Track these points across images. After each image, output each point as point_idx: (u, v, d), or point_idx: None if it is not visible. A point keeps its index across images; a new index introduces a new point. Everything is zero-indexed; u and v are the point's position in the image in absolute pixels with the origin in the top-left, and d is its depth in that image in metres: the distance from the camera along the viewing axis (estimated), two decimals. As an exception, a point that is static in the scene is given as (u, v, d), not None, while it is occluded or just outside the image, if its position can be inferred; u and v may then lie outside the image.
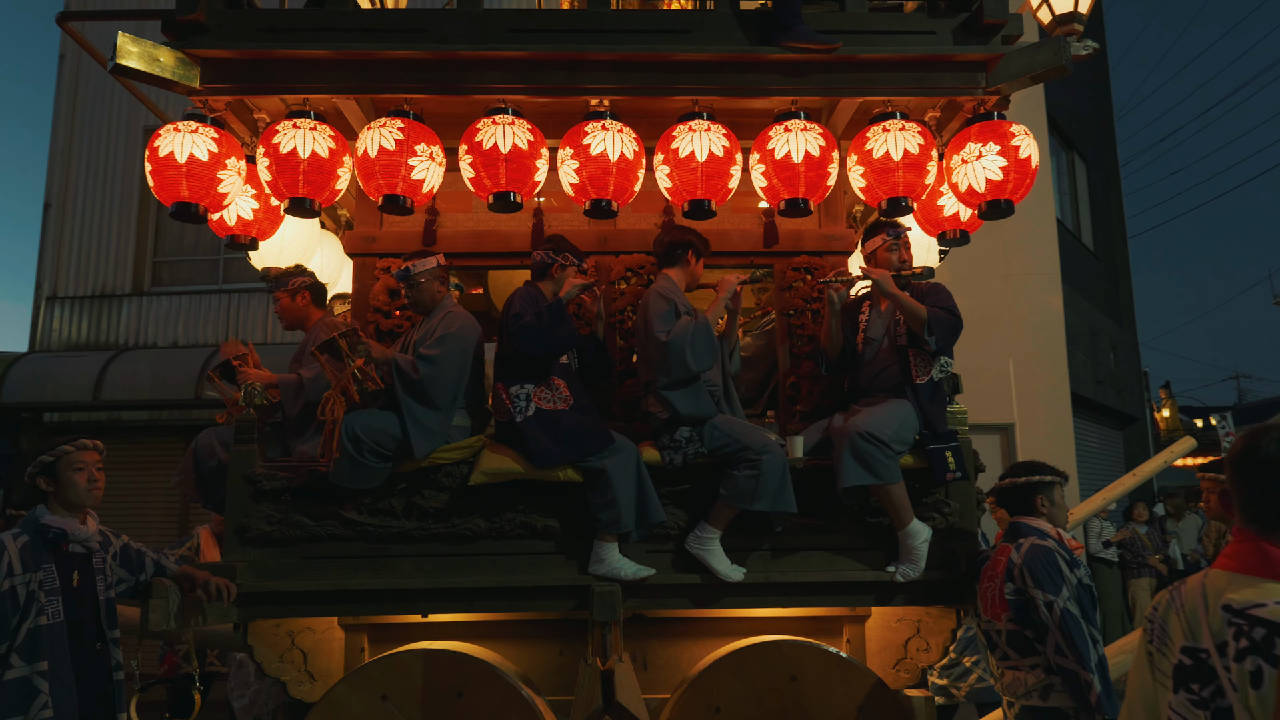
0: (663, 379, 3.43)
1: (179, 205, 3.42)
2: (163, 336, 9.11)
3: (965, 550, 3.43)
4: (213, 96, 3.54)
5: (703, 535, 3.37)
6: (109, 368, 8.40)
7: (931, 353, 3.48)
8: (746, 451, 3.31)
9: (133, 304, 9.19)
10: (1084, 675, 2.78)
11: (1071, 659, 2.81)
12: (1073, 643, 2.81)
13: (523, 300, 3.46)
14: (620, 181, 3.44)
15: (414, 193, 3.46)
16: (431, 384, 3.34)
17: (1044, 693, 2.91)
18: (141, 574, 3.14)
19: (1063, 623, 2.84)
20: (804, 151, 3.39)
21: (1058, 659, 2.84)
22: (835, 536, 3.47)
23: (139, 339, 9.12)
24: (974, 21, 3.54)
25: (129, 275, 9.25)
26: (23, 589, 2.73)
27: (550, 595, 3.40)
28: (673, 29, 3.57)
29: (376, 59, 3.51)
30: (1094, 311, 13.13)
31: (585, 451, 3.31)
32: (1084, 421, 12.06)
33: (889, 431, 3.30)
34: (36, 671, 2.72)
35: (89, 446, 2.99)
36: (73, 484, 2.91)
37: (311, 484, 3.41)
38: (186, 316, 9.14)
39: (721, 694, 3.25)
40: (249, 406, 3.48)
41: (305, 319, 4.04)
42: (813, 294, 3.90)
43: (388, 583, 3.38)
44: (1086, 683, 2.77)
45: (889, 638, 3.65)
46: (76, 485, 2.91)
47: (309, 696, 3.52)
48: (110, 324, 9.20)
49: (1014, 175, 3.43)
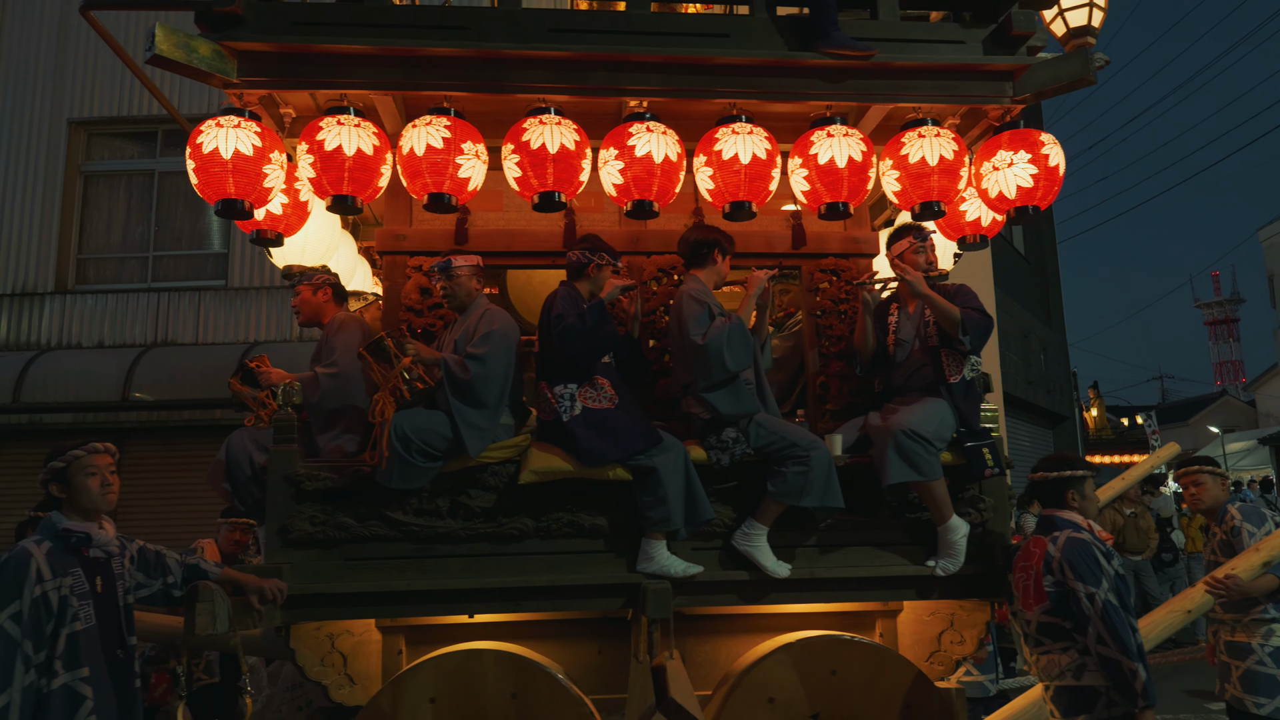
0: (702, 381, 3.47)
1: (224, 202, 3.35)
2: (88, 336, 8.81)
3: (1000, 544, 3.54)
4: (248, 90, 3.48)
5: (750, 532, 3.42)
6: (30, 369, 8.13)
7: (963, 352, 3.59)
8: (794, 449, 3.37)
9: (55, 302, 8.87)
10: (1128, 664, 2.90)
11: (1115, 648, 2.93)
12: (1115, 632, 2.93)
13: (564, 301, 3.47)
14: (664, 183, 3.48)
15: (460, 191, 3.44)
16: (481, 383, 3.33)
17: (1077, 672, 3.03)
18: (166, 576, 3.05)
19: (1104, 614, 2.96)
20: (847, 156, 3.47)
21: (1100, 648, 2.95)
22: (876, 532, 3.55)
23: (62, 339, 8.80)
24: (1002, 32, 3.67)
25: (51, 273, 8.94)
26: (54, 595, 2.64)
27: (599, 594, 3.41)
28: (712, 33, 3.62)
29: (417, 56, 3.48)
30: (1025, 314, 13.62)
31: (635, 450, 3.34)
32: (1016, 421, 12.52)
33: (931, 429, 3.40)
34: (79, 678, 2.65)
35: (100, 450, 2.88)
36: (85, 489, 2.81)
37: (355, 485, 3.37)
38: (113, 315, 8.86)
39: (774, 686, 3.30)
40: (287, 406, 3.43)
41: (322, 315, 3.98)
42: (840, 295, 3.98)
43: (435, 583, 3.35)
44: (1131, 671, 2.89)
45: (921, 631, 3.74)
46: (89, 490, 2.82)
47: (349, 700, 3.47)
48: (31, 323, 8.87)
49: (1044, 183, 3.56)
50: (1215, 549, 4.00)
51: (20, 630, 2.56)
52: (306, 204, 3.84)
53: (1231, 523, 3.90)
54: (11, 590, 2.59)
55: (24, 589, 2.59)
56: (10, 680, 2.52)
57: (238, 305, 8.88)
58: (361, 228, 4.96)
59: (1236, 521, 3.88)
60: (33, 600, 2.59)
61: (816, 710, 3.30)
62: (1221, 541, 3.95)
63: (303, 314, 3.96)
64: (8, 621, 2.56)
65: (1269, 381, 28.37)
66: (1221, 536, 3.95)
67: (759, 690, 3.30)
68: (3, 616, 2.56)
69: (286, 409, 3.43)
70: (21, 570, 2.62)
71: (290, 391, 3.42)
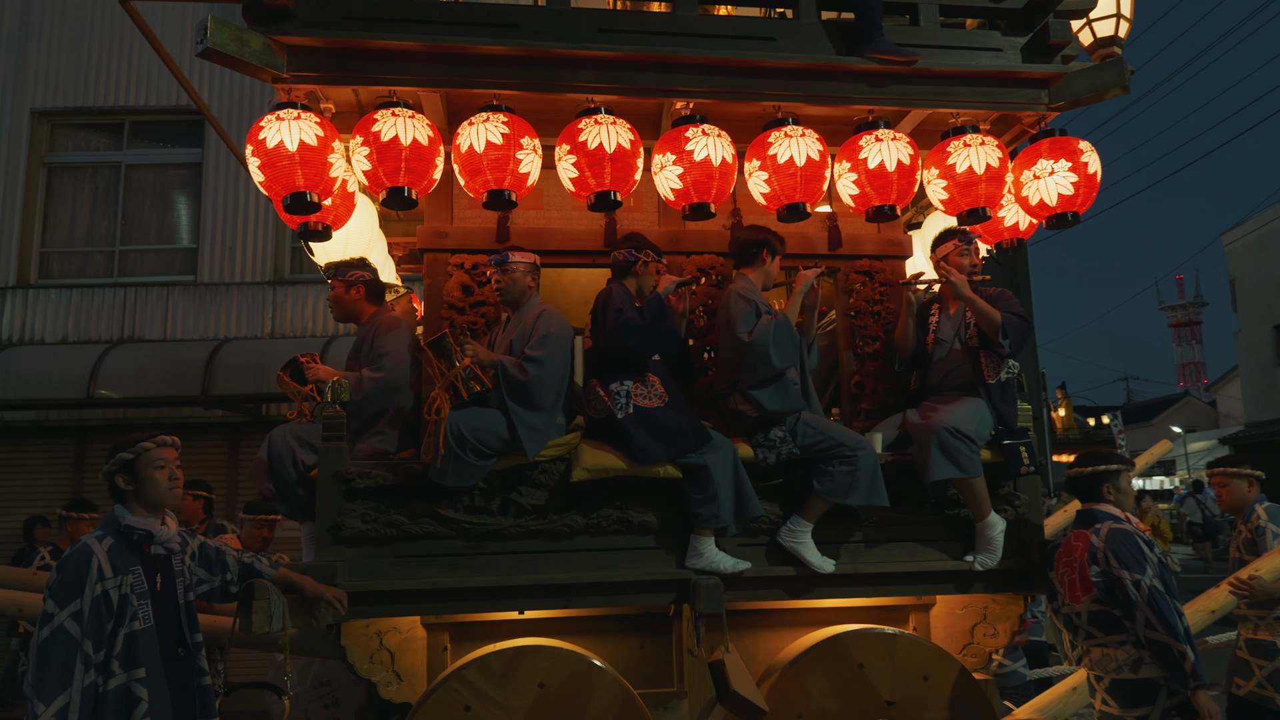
0: (749, 378, 3.52)
1: (294, 195, 3.32)
2: (51, 332, 8.60)
3: (1035, 539, 3.65)
4: (297, 85, 3.46)
5: (795, 528, 3.48)
6: (-10, 365, 7.91)
7: (1002, 355, 3.68)
8: (841, 448, 3.44)
9: (18, 297, 8.65)
10: (1177, 646, 3.02)
11: (1163, 632, 3.04)
12: (1163, 617, 3.05)
13: (620, 296, 3.50)
14: (721, 185, 3.52)
15: (519, 187, 3.45)
16: (538, 385, 3.35)
17: (1135, 666, 3.14)
18: (225, 573, 3.04)
19: (1151, 599, 3.08)
20: (896, 160, 3.54)
21: (1148, 633, 3.07)
22: (916, 528, 3.64)
23: (25, 334, 8.60)
24: (1040, 40, 3.75)
25: (13, 267, 8.72)
26: (115, 593, 2.60)
27: (649, 589, 3.45)
28: (759, 35, 3.66)
29: (467, 53, 3.49)
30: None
31: (686, 448, 3.38)
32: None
33: (972, 427, 3.49)
34: (135, 679, 2.60)
35: (169, 443, 2.86)
36: (154, 482, 2.78)
37: (406, 482, 3.38)
38: (78, 311, 8.65)
39: (816, 678, 3.38)
40: (336, 403, 3.41)
41: (358, 313, 3.96)
42: (875, 296, 4.05)
43: (486, 580, 3.37)
44: (1180, 653, 3.01)
45: (954, 625, 3.84)
46: (158, 483, 2.79)
47: (396, 697, 3.48)
48: (-9, 319, 8.67)
49: (1084, 190, 3.66)
50: (1240, 546, 4.14)
51: (81, 629, 2.52)
52: (353, 196, 3.82)
53: (1257, 522, 4.05)
54: (73, 588, 2.55)
55: (85, 587, 2.55)
56: (70, 680, 2.48)
57: (207, 301, 8.70)
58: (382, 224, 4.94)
59: (1262, 521, 4.03)
60: (94, 599, 2.56)
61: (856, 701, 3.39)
62: (1246, 540, 4.10)
63: (336, 311, 3.93)
64: (68, 620, 2.52)
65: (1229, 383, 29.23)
66: (1247, 535, 4.10)
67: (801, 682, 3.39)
68: (63, 615, 2.52)
69: (335, 406, 3.42)
70: (83, 568, 2.58)
71: (339, 389, 3.40)
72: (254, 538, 4.83)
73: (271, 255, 8.86)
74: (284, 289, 8.78)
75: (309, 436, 3.65)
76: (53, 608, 2.52)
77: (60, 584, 2.55)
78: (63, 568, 2.58)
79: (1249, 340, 20.52)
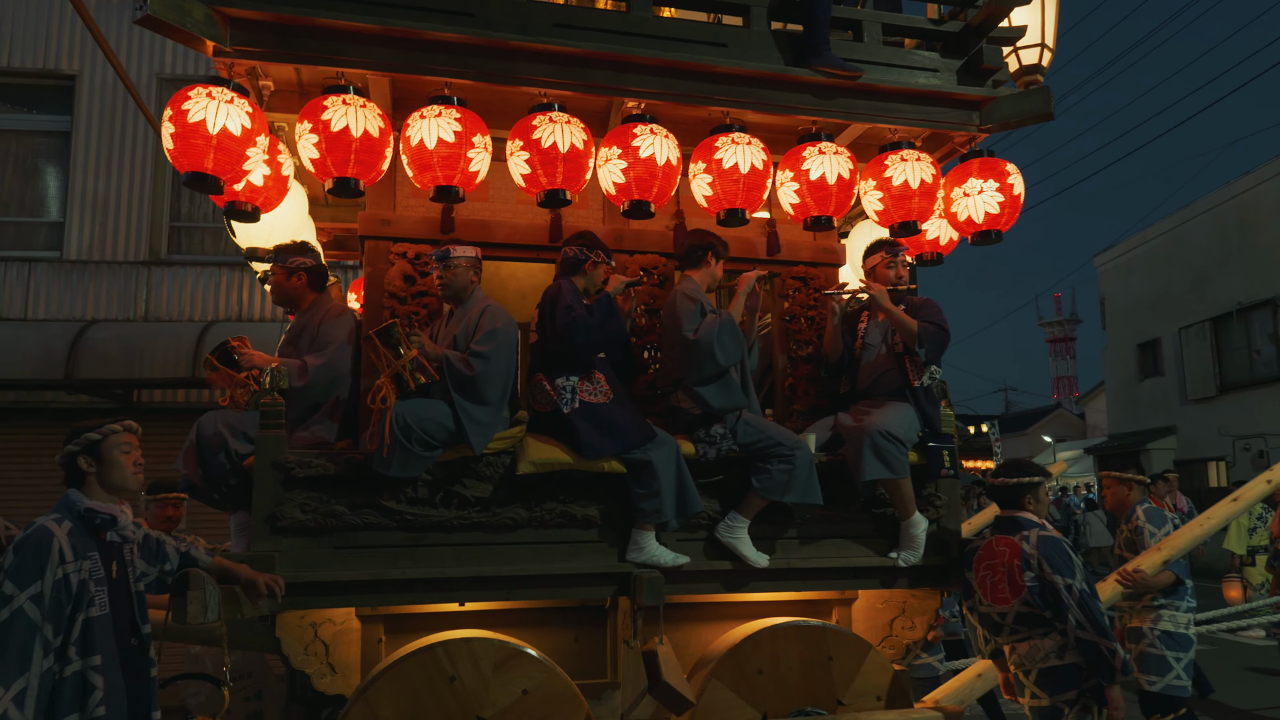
0: (693, 376, 3.61)
1: (196, 175, 3.20)
2: None
3: (953, 539, 3.85)
4: (239, 60, 3.35)
5: (733, 524, 3.59)
6: None
7: (923, 361, 3.87)
8: (780, 447, 3.56)
9: None
10: (1106, 644, 3.27)
11: (1092, 631, 3.29)
12: (1093, 617, 3.29)
13: (569, 294, 3.52)
14: (663, 185, 3.58)
15: (469, 184, 3.44)
16: (485, 380, 3.34)
17: (1060, 652, 3.39)
18: (165, 563, 2.97)
19: (1082, 601, 3.32)
20: (836, 173, 3.67)
21: (1079, 633, 3.31)
22: (845, 525, 3.79)
23: None
24: (974, 64, 3.96)
25: None
26: (75, 577, 2.55)
27: (590, 582, 3.50)
28: (712, 41, 3.74)
29: (420, 38, 3.45)
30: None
31: (632, 444, 3.44)
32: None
33: (902, 430, 3.66)
34: (91, 666, 2.55)
35: (135, 429, 2.83)
36: (120, 466, 2.74)
37: (347, 472, 3.33)
38: None
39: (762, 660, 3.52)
40: (274, 391, 3.33)
41: (299, 300, 3.87)
42: (810, 302, 4.19)
43: (428, 572, 3.35)
44: (1110, 650, 3.26)
45: (875, 618, 4.02)
46: (123, 468, 2.75)
47: (330, 689, 3.43)
48: None
49: (1008, 209, 3.88)
50: (1121, 545, 4.47)
51: (41, 613, 2.45)
52: (287, 180, 3.72)
53: (1136, 523, 4.38)
54: (32, 570, 2.47)
55: (45, 569, 2.48)
56: (29, 664, 2.41)
57: (74, 280, 8.21)
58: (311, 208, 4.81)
59: (1141, 522, 4.37)
60: (54, 582, 2.49)
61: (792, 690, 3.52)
62: (1126, 539, 4.43)
63: (276, 297, 3.83)
64: (28, 603, 2.44)
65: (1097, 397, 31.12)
66: (1127, 534, 4.43)
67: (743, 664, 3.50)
68: (23, 597, 2.44)
69: (274, 394, 3.33)
70: (43, 549, 2.50)
71: (278, 376, 3.32)
72: (160, 518, 4.62)
73: (147, 234, 8.43)
74: (160, 270, 8.36)
75: (241, 425, 3.55)
76: (11, 589, 2.44)
77: (19, 566, 2.47)
78: (20, 549, 2.50)
79: (1115, 357, 21.88)
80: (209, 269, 8.46)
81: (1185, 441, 18.64)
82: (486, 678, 3.20)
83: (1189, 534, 4.22)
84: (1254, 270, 16.86)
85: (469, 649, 3.23)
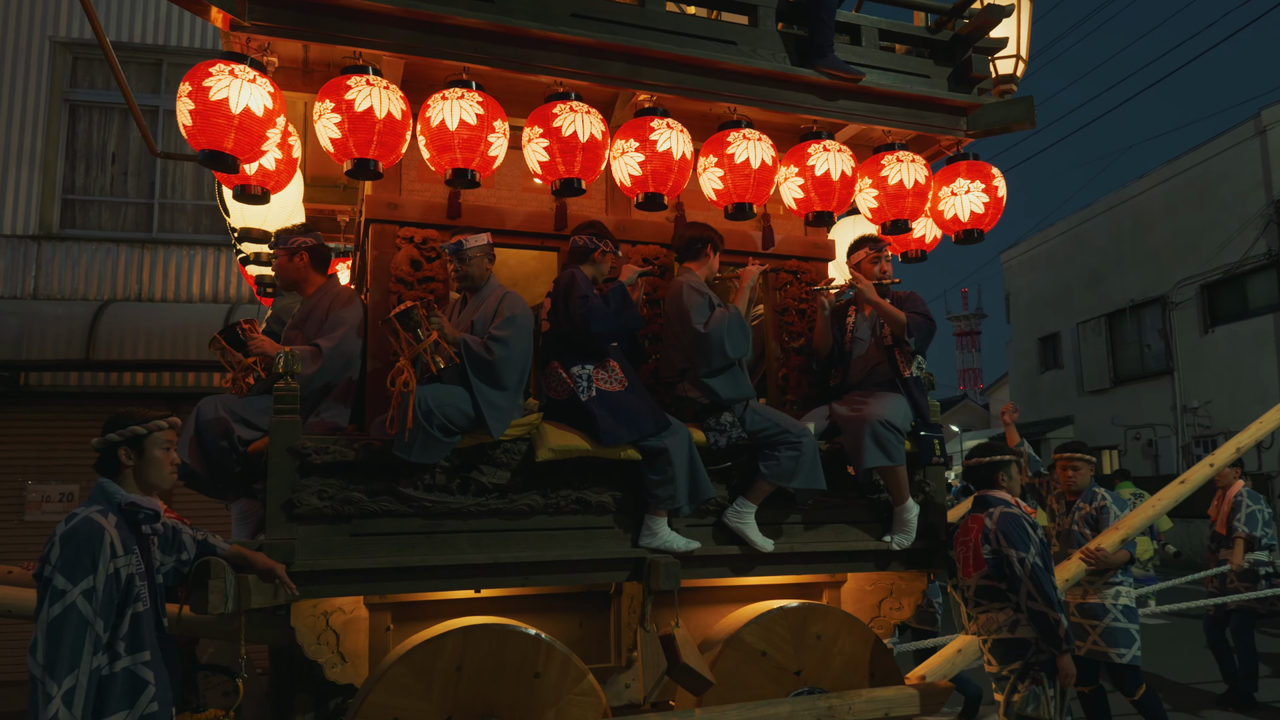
0: (703, 367, 3.69)
1: (213, 154, 3.12)
2: None
3: (940, 522, 4.06)
4: (256, 36, 3.27)
5: (741, 510, 3.70)
6: None
7: (910, 352, 4.05)
8: (787, 434, 3.68)
9: None
10: (1052, 615, 3.52)
11: (1041, 603, 3.52)
12: (1042, 590, 3.53)
13: (583, 283, 3.55)
14: (678, 179, 3.64)
15: (486, 169, 3.43)
16: (504, 365, 3.35)
17: (1012, 626, 3.62)
18: (182, 553, 2.89)
19: (1033, 574, 3.55)
20: (840, 171, 3.80)
21: (1029, 604, 3.54)
22: (841, 511, 3.95)
23: None
24: (963, 72, 4.14)
25: None
26: (124, 571, 2.48)
27: (604, 568, 3.55)
28: (722, 38, 3.82)
29: (442, 22, 3.43)
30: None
31: (648, 431, 3.50)
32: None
33: (899, 420, 3.83)
34: (141, 662, 2.49)
35: (176, 425, 2.76)
36: (159, 464, 2.65)
37: (365, 458, 3.29)
38: None
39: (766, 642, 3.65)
40: (288, 376, 3.27)
41: (303, 281, 3.80)
42: (802, 295, 4.33)
43: (446, 559, 3.35)
44: (1055, 621, 3.51)
45: (863, 599, 4.20)
46: (162, 466, 2.67)
47: (341, 678, 3.39)
48: None
49: (991, 210, 4.09)
50: (1080, 522, 4.75)
51: (92, 608, 2.37)
52: (296, 163, 3.64)
53: (1102, 502, 4.68)
54: (85, 564, 2.38)
55: (98, 563, 2.40)
56: (79, 661, 2.32)
57: None
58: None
59: (1106, 502, 4.66)
60: (107, 577, 2.41)
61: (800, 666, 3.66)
62: (1087, 516, 4.71)
63: (280, 279, 3.75)
64: (80, 598, 2.35)
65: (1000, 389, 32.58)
66: (1089, 512, 4.72)
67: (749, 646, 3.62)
68: (75, 592, 2.35)
69: (288, 379, 3.27)
70: (95, 542, 2.42)
71: (292, 360, 3.25)
72: None
73: (37, 208, 8.05)
74: (51, 245, 8.00)
75: (243, 411, 3.48)
76: (64, 584, 2.35)
77: (70, 560, 2.38)
78: (69, 542, 2.40)
79: (1018, 350, 23.01)
80: (105, 245, 8.11)
81: (1081, 431, 19.74)
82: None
83: (1143, 514, 4.55)
84: (1146, 269, 17.96)
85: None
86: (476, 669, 3.24)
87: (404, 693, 3.15)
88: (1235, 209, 15.77)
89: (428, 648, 3.22)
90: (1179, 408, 17.02)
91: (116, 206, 8.36)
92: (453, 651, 3.23)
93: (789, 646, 3.69)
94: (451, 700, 3.19)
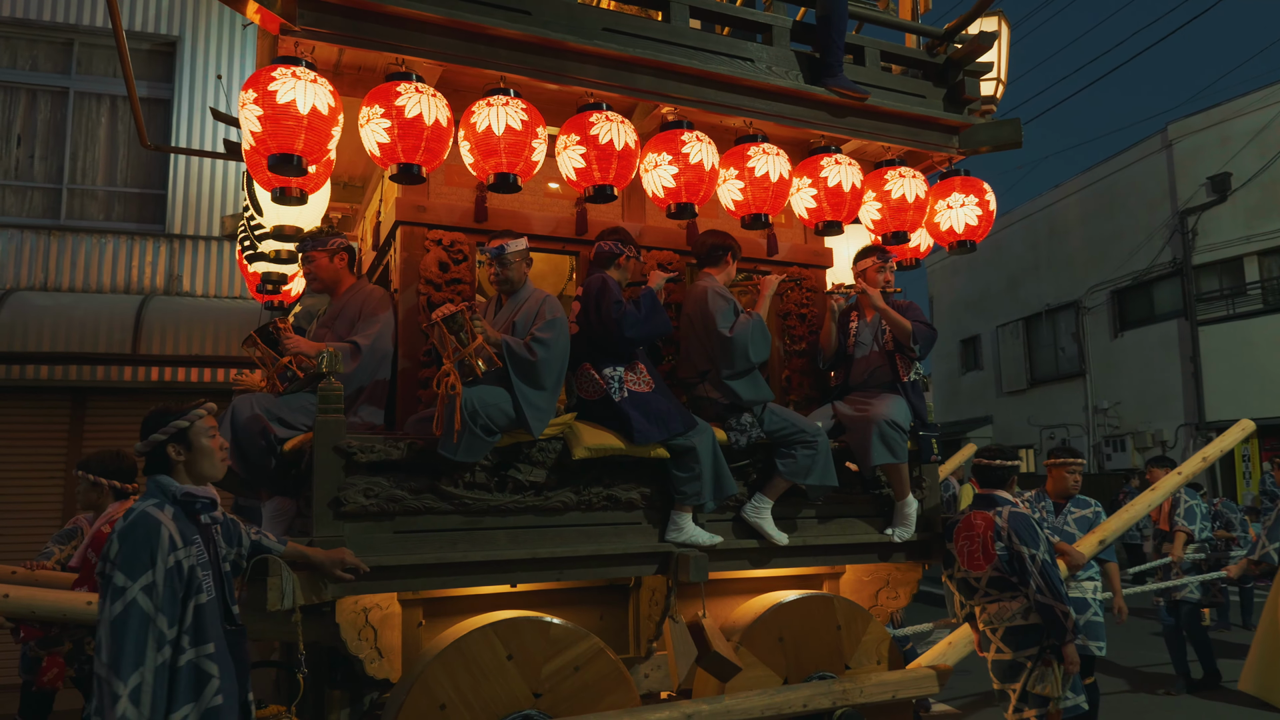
0: (726, 370, 3.87)
1: (283, 157, 3.16)
2: None
3: (936, 516, 4.32)
4: (305, 40, 3.31)
5: (759, 505, 3.89)
6: None
7: (913, 358, 4.31)
8: (804, 434, 3.89)
9: None
10: (1060, 607, 3.80)
11: (1050, 597, 3.81)
12: (1052, 585, 3.81)
13: (615, 288, 3.69)
14: (708, 188, 3.82)
15: (527, 174, 3.53)
16: (545, 366, 3.46)
17: (1025, 614, 3.90)
18: (239, 547, 2.90)
19: (1043, 570, 3.83)
20: (850, 182, 4.03)
21: (1039, 597, 3.82)
22: (847, 506, 4.17)
23: None
24: (956, 93, 4.43)
25: None
26: (186, 563, 2.46)
27: (634, 561, 3.69)
28: (740, 55, 4.01)
29: (484, 33, 3.53)
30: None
31: (677, 431, 3.66)
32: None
33: (903, 420, 4.08)
34: (205, 655, 2.48)
35: (213, 410, 2.73)
36: (208, 452, 2.64)
37: (409, 457, 3.36)
38: None
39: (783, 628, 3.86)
40: (330, 375, 3.31)
41: (339, 282, 3.85)
42: (804, 300, 4.55)
43: (485, 555, 3.44)
44: (1064, 613, 3.79)
45: (861, 590, 4.45)
46: (211, 454, 2.65)
47: (379, 673, 3.45)
48: None
49: (983, 222, 4.38)
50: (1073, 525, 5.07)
51: (153, 603, 2.35)
52: (331, 164, 3.68)
53: (1099, 508, 5.05)
54: (143, 559, 2.37)
55: (157, 558, 2.38)
56: (143, 659, 2.31)
57: None
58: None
59: (1100, 508, 5.04)
60: (166, 571, 2.39)
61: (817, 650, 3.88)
62: (1081, 520, 5.05)
63: (319, 281, 3.78)
64: (140, 594, 2.33)
65: (921, 386, 33.78)
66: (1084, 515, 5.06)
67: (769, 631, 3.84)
68: (135, 589, 2.33)
69: (330, 378, 3.31)
70: (153, 537, 2.40)
71: (334, 359, 3.29)
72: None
73: None
74: None
75: (279, 410, 3.50)
76: (123, 580, 2.33)
77: (129, 556, 2.36)
78: (127, 538, 2.39)
79: (940, 351, 23.87)
80: (8, 231, 7.80)
81: (1000, 430, 20.66)
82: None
83: (1119, 520, 4.91)
84: (1060, 275, 18.94)
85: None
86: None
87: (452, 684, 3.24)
88: (1144, 219, 16.79)
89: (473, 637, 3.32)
90: (1090, 408, 18.00)
91: (21, 191, 8.03)
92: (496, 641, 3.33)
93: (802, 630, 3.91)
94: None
